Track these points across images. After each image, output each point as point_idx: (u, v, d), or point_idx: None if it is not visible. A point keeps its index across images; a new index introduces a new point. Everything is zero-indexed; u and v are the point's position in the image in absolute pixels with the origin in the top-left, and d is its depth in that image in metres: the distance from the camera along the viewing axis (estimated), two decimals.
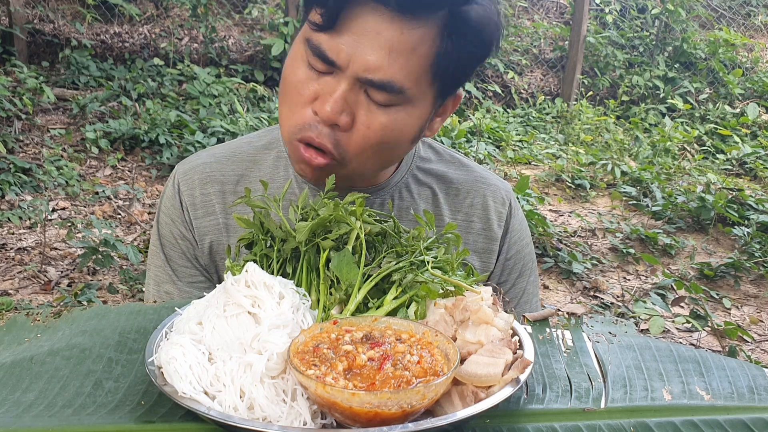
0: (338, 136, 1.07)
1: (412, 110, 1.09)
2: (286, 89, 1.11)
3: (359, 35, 1.01)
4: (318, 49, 1.03)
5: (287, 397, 0.77)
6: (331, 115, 1.04)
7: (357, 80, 1.03)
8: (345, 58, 1.02)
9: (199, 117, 5.42)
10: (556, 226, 4.81)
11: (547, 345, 0.97)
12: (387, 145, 1.11)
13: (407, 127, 1.10)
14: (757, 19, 9.03)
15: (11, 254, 3.80)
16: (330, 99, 1.04)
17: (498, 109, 7.27)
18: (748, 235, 4.67)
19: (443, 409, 0.78)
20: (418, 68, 1.04)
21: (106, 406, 0.82)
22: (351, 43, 1.01)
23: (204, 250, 1.29)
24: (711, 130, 7.31)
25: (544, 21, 8.45)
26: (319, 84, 1.06)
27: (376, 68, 1.02)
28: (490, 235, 1.34)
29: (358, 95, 1.05)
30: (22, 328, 1.00)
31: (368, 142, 1.08)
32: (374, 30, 1.00)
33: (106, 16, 6.62)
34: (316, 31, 1.03)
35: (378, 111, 1.06)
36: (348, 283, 0.94)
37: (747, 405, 0.86)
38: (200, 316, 0.88)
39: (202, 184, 1.28)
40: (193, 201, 1.28)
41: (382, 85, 1.03)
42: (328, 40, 1.02)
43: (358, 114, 1.06)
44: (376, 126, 1.07)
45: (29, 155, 4.86)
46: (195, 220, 1.28)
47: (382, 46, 1.01)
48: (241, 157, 1.31)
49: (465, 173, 1.36)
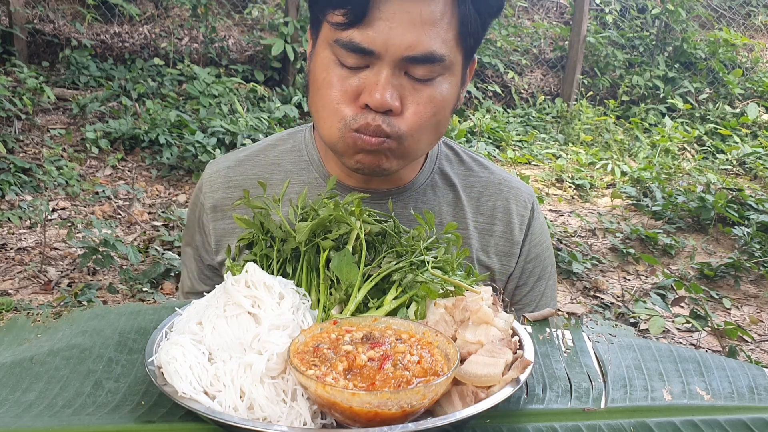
0: (391, 119, 1.09)
1: (451, 77, 1.13)
2: (323, 93, 1.12)
3: (389, 20, 1.04)
4: (352, 44, 1.05)
5: (287, 397, 0.77)
6: (382, 101, 1.06)
7: (398, 63, 1.06)
8: (382, 45, 1.04)
9: (199, 117, 5.42)
10: (556, 226, 4.81)
11: (547, 345, 0.97)
12: (437, 117, 1.14)
13: (450, 96, 1.14)
14: (757, 19, 9.03)
15: (11, 254, 3.80)
16: (377, 87, 1.06)
17: (498, 109, 7.27)
18: (748, 235, 4.67)
19: (443, 409, 0.78)
20: (449, 34, 1.08)
21: (106, 406, 0.82)
22: (384, 30, 1.04)
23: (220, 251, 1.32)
24: (711, 130, 7.31)
25: (544, 21, 8.45)
26: (359, 79, 1.08)
27: (415, 44, 1.05)
28: (511, 238, 1.34)
29: (400, 79, 1.08)
30: (22, 329, 1.00)
31: (421, 118, 1.11)
32: (401, 10, 1.04)
33: (106, 16, 6.63)
34: (344, 29, 1.05)
35: (423, 87, 1.10)
36: (348, 283, 0.94)
37: (747, 405, 0.86)
38: (200, 316, 0.88)
39: (224, 188, 1.32)
40: (213, 204, 1.32)
41: (425, 57, 1.06)
42: (359, 34, 1.05)
43: (404, 96, 1.09)
44: (425, 101, 1.10)
45: (29, 155, 4.86)
46: (214, 222, 1.32)
47: (414, 23, 1.04)
48: (264, 160, 1.34)
49: (487, 175, 1.37)
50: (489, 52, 7.52)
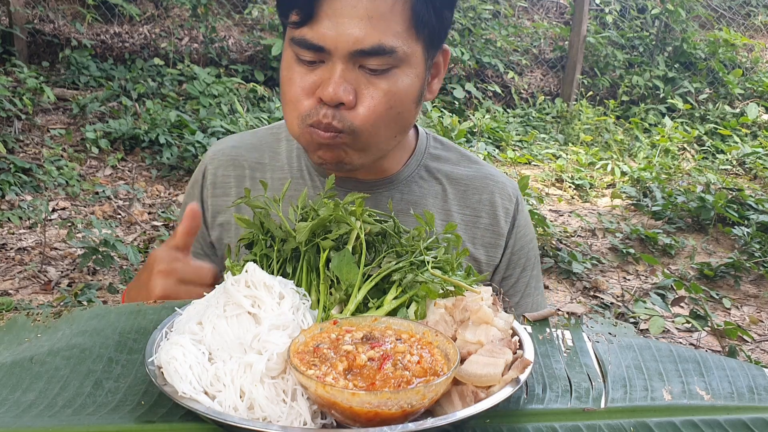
0: (344, 114, 1.12)
1: (408, 69, 1.15)
2: (285, 90, 1.18)
3: (337, 16, 1.08)
4: (304, 41, 1.10)
5: (287, 397, 0.77)
6: (334, 95, 1.10)
7: (349, 57, 1.09)
8: (332, 41, 1.08)
9: (199, 117, 5.42)
10: (556, 226, 4.81)
11: (547, 345, 0.97)
12: (394, 110, 1.16)
13: (408, 88, 1.16)
14: (757, 19, 9.03)
15: (11, 254, 3.80)
16: (330, 81, 1.10)
17: (498, 109, 7.27)
18: (748, 235, 4.67)
19: (443, 409, 0.78)
20: (400, 25, 1.10)
21: (106, 406, 0.82)
22: (332, 26, 1.08)
23: (215, 227, 1.37)
24: (711, 130, 7.31)
25: (544, 21, 8.45)
26: (315, 74, 1.13)
27: (362, 38, 1.08)
28: (497, 230, 1.37)
29: (355, 72, 1.11)
30: (22, 328, 1.00)
31: (376, 111, 1.13)
32: (348, 5, 1.07)
33: (106, 16, 6.63)
34: (298, 27, 1.10)
35: (377, 79, 1.12)
36: (348, 283, 0.94)
37: (747, 405, 0.86)
38: (200, 316, 0.88)
39: (225, 166, 1.38)
40: (214, 180, 1.38)
41: (373, 50, 1.09)
42: (310, 31, 1.09)
43: (359, 90, 1.12)
44: (379, 94, 1.13)
45: (29, 155, 4.86)
46: (212, 198, 1.37)
47: (361, 17, 1.07)
48: (264, 146, 1.40)
49: (474, 170, 1.41)
50: (489, 52, 7.52)
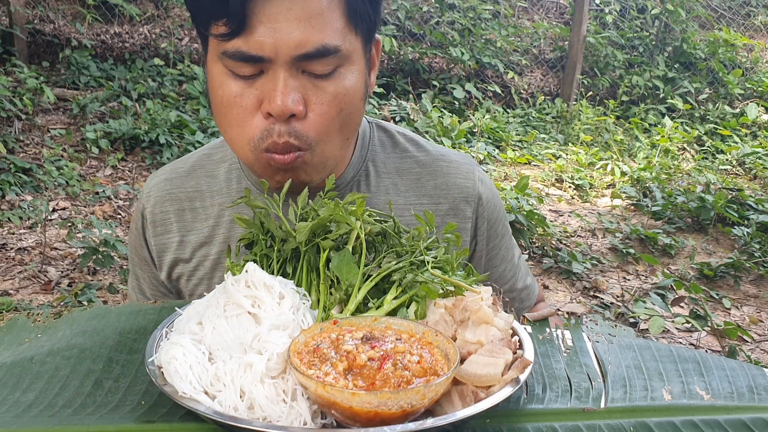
0: (297, 127, 1.05)
1: (352, 67, 1.07)
2: (224, 111, 1.08)
3: (272, 21, 0.99)
4: (240, 54, 1.01)
5: (287, 397, 0.77)
6: (283, 107, 1.01)
7: (292, 62, 1.01)
8: (271, 48, 0.99)
9: (199, 117, 5.42)
10: (556, 226, 4.81)
11: (547, 345, 0.97)
12: (344, 112, 1.09)
13: (355, 86, 1.09)
14: (757, 19, 9.03)
15: (11, 254, 3.80)
16: (276, 92, 1.01)
17: (498, 109, 7.27)
18: (748, 235, 4.67)
19: (443, 409, 0.78)
20: (338, 22, 1.03)
21: (106, 406, 0.82)
22: (269, 32, 0.99)
23: (164, 268, 1.29)
24: (711, 130, 7.32)
25: (544, 21, 8.45)
26: (256, 88, 1.04)
27: (304, 41, 1.00)
28: (459, 213, 1.30)
29: (299, 78, 1.03)
30: (22, 329, 1.00)
31: (328, 117, 1.07)
32: (283, 8, 0.99)
33: (106, 16, 6.63)
34: (229, 40, 1.00)
35: (324, 83, 1.05)
36: (348, 283, 0.94)
37: (747, 405, 0.86)
38: (200, 316, 0.88)
39: (161, 202, 1.29)
40: (153, 219, 1.29)
41: (318, 52, 1.01)
42: (245, 42, 1.00)
43: (307, 96, 1.04)
44: (329, 98, 1.06)
45: (29, 155, 4.86)
46: (155, 237, 1.29)
47: (299, 19, 0.99)
48: (199, 172, 1.31)
49: (424, 154, 1.33)
50: (489, 52, 7.52)
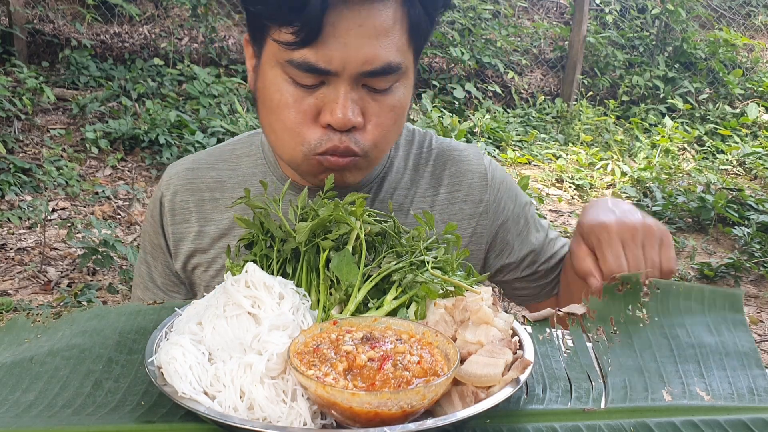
0: (357, 137, 1.08)
1: (406, 81, 1.11)
2: (279, 114, 1.09)
3: (344, 36, 0.99)
4: (307, 65, 1.01)
5: (287, 397, 0.77)
6: (345, 120, 1.03)
7: (356, 78, 1.03)
8: (339, 63, 1.01)
9: (199, 117, 5.42)
10: (556, 226, 4.81)
11: (547, 345, 0.97)
12: (397, 124, 1.13)
13: (407, 98, 1.12)
14: (757, 19, 9.03)
15: (11, 254, 3.80)
16: (337, 105, 1.03)
17: (498, 109, 7.27)
18: (748, 235, 4.67)
19: (443, 409, 0.78)
20: (401, 39, 1.05)
21: (106, 406, 0.82)
22: (340, 47, 1.00)
23: (180, 257, 1.30)
24: (711, 130, 7.32)
25: (544, 21, 8.45)
26: (316, 98, 1.05)
27: (372, 58, 1.02)
28: (474, 198, 1.32)
29: (359, 92, 1.06)
30: (22, 329, 1.00)
31: (385, 129, 1.10)
32: (355, 24, 0.99)
33: (106, 16, 6.63)
34: (296, 48, 1.00)
35: (382, 97, 1.08)
36: (348, 284, 0.94)
37: (747, 405, 0.86)
38: (200, 316, 0.88)
39: (182, 191, 1.30)
40: (172, 207, 1.30)
41: (383, 70, 1.03)
42: (314, 53, 1.00)
43: (365, 109, 1.07)
44: (386, 112, 1.08)
45: (29, 155, 4.86)
46: (173, 225, 1.30)
47: (369, 36, 1.01)
48: (222, 165, 1.32)
49: (436, 146, 1.36)
50: (489, 52, 7.52)
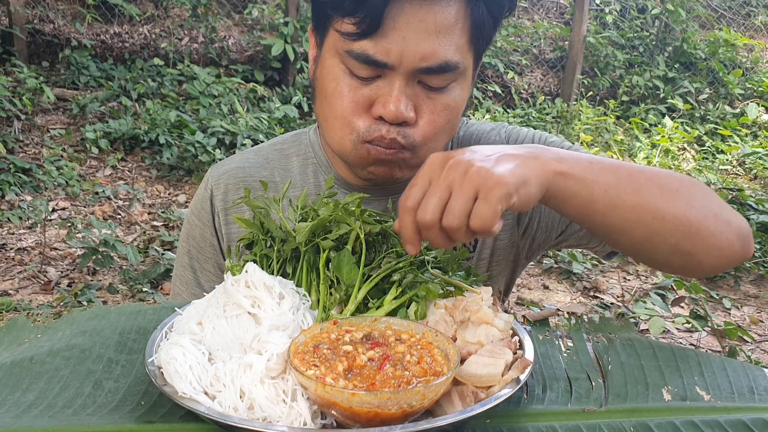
0: (406, 131, 1.07)
1: (464, 81, 1.10)
2: (334, 102, 1.09)
3: (404, 30, 1.00)
4: (365, 56, 1.02)
5: (287, 397, 0.77)
6: (397, 114, 1.03)
7: (412, 73, 1.03)
8: (396, 57, 1.01)
9: (199, 117, 5.42)
10: None
11: (547, 345, 0.97)
12: (451, 124, 1.11)
13: (462, 100, 1.11)
14: (757, 19, 9.03)
15: (11, 254, 3.80)
16: (391, 98, 1.03)
17: (498, 109, 7.27)
18: None
19: (443, 409, 0.78)
20: (462, 39, 1.05)
21: (106, 406, 0.82)
22: (399, 41, 1.00)
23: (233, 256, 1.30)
24: (711, 130, 7.32)
25: (544, 21, 8.45)
26: (371, 89, 1.05)
27: (429, 55, 1.01)
28: None
29: (414, 88, 1.05)
30: (22, 329, 1.00)
31: (436, 127, 1.09)
32: (416, 19, 1.00)
33: (106, 16, 6.63)
34: (356, 39, 1.01)
35: (437, 95, 1.07)
36: (348, 283, 0.94)
37: (747, 405, 0.86)
38: (200, 316, 0.88)
39: (235, 189, 1.29)
40: (225, 205, 1.29)
41: (440, 68, 1.03)
42: (373, 45, 1.01)
43: (419, 105, 1.07)
44: (440, 110, 1.08)
45: (29, 155, 4.86)
46: (226, 225, 1.29)
47: (429, 32, 1.00)
48: (274, 164, 1.32)
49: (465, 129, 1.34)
50: (489, 52, 7.52)
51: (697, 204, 0.97)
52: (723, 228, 1.00)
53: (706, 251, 0.99)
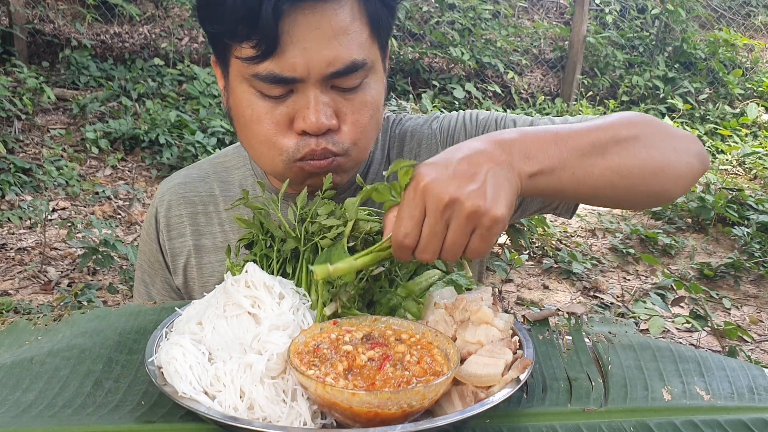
0: (334, 138, 1.07)
1: (375, 75, 1.09)
2: (253, 128, 1.08)
3: (303, 41, 0.99)
4: (272, 76, 1.01)
5: (287, 397, 0.77)
6: (319, 123, 1.03)
7: (323, 81, 1.02)
8: (303, 69, 1.00)
9: (199, 117, 5.42)
10: (556, 226, 4.81)
11: (547, 345, 0.97)
12: (375, 119, 1.11)
13: (379, 94, 1.11)
14: (757, 19, 9.03)
15: (11, 254, 3.80)
16: (309, 110, 1.03)
17: (498, 109, 7.27)
18: (748, 235, 4.67)
19: (443, 409, 0.78)
20: (363, 35, 1.04)
21: (106, 406, 0.82)
22: (301, 53, 0.99)
23: (179, 272, 1.31)
24: (711, 130, 7.31)
25: (544, 21, 8.45)
26: (287, 106, 1.05)
27: (334, 59, 1.01)
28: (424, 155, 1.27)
29: (329, 94, 1.05)
30: (22, 332, 1.00)
31: (361, 126, 1.08)
32: (311, 28, 0.99)
33: (106, 16, 6.62)
34: (259, 62, 1.00)
35: (354, 95, 1.06)
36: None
37: (747, 405, 0.86)
38: (200, 316, 0.88)
39: (176, 206, 1.31)
40: (167, 222, 1.31)
41: (347, 69, 1.02)
42: (277, 64, 1.00)
43: (339, 110, 1.06)
44: (360, 109, 1.07)
45: (29, 155, 4.86)
46: (169, 241, 1.31)
47: (328, 37, 1.00)
48: (213, 177, 1.33)
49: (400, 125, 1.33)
50: (489, 52, 7.52)
51: (657, 143, 1.02)
52: (683, 156, 1.06)
53: (675, 182, 1.06)
